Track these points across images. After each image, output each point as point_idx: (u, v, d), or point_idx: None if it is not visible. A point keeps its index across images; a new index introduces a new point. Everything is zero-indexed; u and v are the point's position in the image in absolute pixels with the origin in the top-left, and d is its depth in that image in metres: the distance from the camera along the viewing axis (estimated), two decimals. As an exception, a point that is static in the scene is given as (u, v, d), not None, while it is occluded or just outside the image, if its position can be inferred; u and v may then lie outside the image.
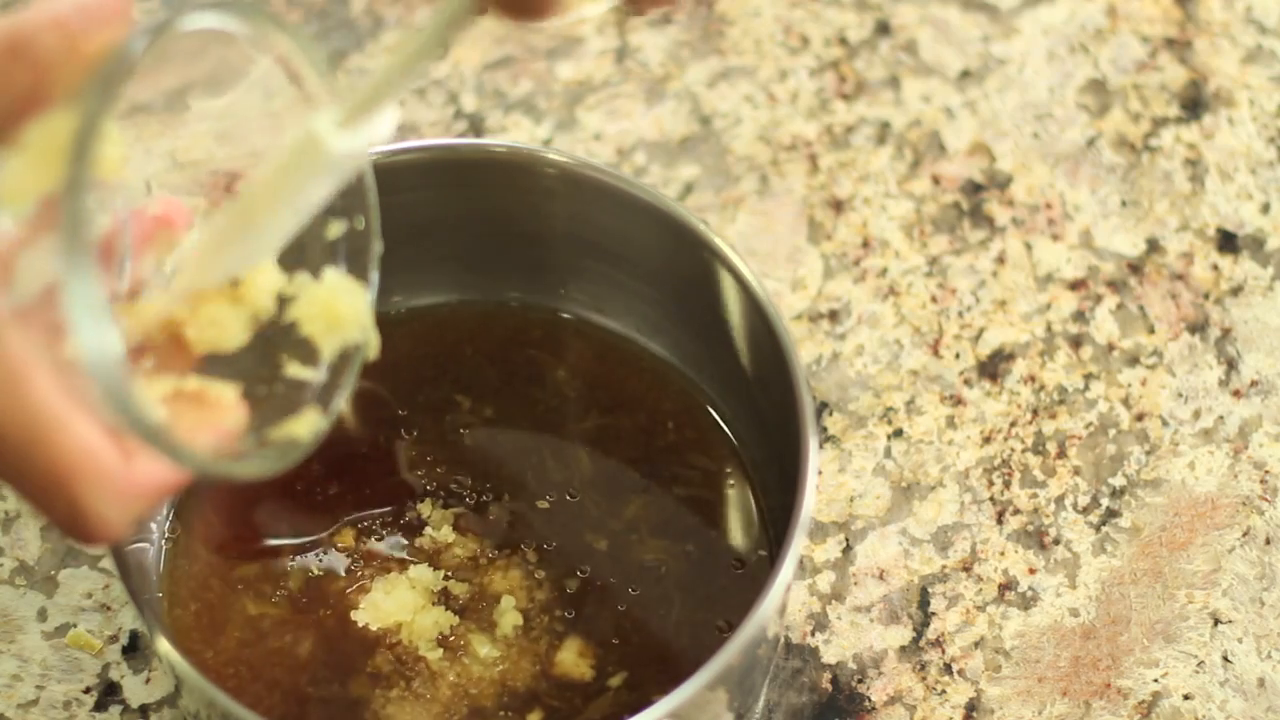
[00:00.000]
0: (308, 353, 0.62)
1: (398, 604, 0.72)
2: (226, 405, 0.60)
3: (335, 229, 0.62)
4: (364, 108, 0.57)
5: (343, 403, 0.62)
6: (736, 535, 0.76)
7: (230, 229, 0.59)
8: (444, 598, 0.73)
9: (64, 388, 0.54)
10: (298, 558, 0.74)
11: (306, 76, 0.59)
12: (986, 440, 0.84)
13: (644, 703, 0.65)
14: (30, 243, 0.54)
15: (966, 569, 0.81)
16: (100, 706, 0.77)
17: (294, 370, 0.62)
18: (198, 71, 0.59)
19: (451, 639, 0.72)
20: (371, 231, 0.62)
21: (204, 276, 0.60)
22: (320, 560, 0.74)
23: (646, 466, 0.77)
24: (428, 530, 0.74)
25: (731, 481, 0.77)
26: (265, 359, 0.63)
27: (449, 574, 0.73)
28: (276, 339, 0.62)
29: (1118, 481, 0.83)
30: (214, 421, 0.59)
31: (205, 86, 0.60)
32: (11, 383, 0.53)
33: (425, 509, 0.75)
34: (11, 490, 0.58)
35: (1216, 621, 0.80)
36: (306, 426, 0.61)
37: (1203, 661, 0.79)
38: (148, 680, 0.77)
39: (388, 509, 0.75)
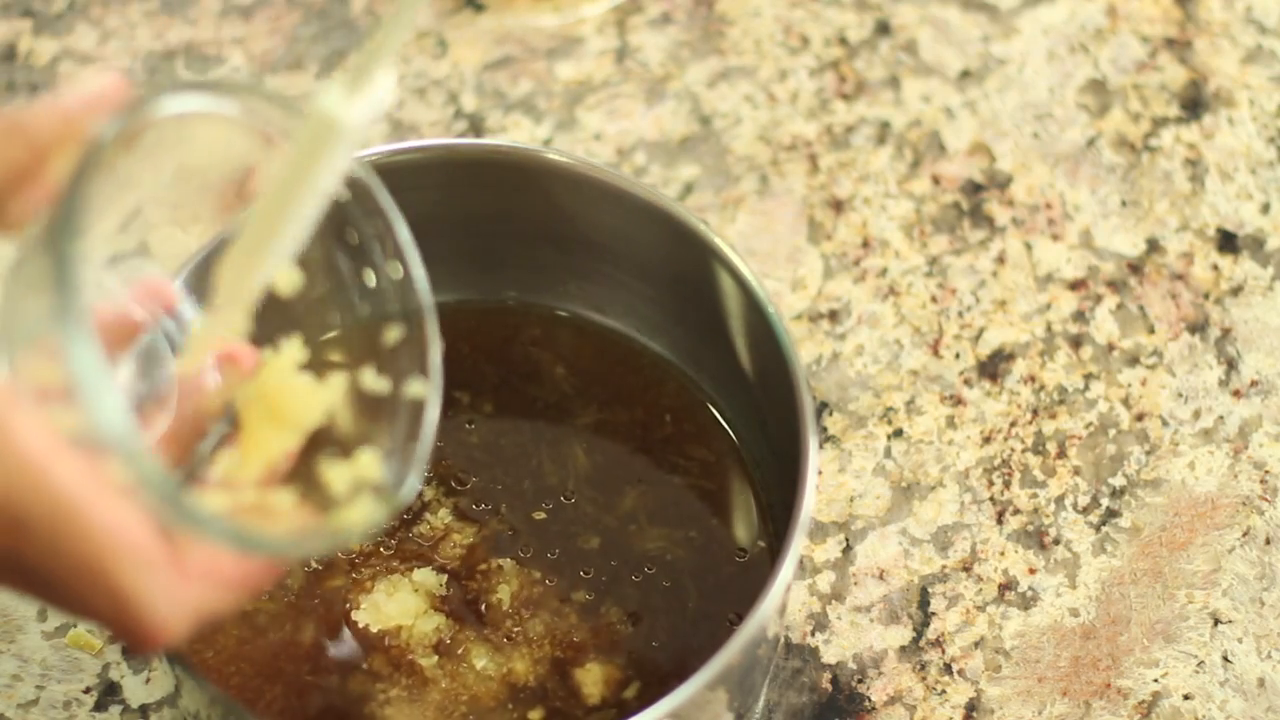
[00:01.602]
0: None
1: (400, 607, 0.72)
2: (283, 512, 0.59)
3: (393, 334, 0.62)
4: (366, 71, 0.57)
5: (411, 493, 0.61)
6: (737, 526, 0.76)
7: (258, 231, 0.58)
8: (445, 601, 0.73)
9: (91, 472, 0.51)
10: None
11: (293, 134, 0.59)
12: (986, 440, 0.84)
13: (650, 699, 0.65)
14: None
15: (966, 569, 0.81)
16: (100, 706, 0.77)
17: (367, 461, 0.61)
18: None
19: (450, 644, 0.72)
20: (429, 337, 0.62)
21: (240, 286, 0.59)
22: (322, 558, 0.74)
23: (645, 461, 0.77)
24: (426, 517, 0.74)
25: (731, 475, 0.77)
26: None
27: (451, 576, 0.73)
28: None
29: (1118, 481, 0.83)
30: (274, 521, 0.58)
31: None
32: (31, 473, 0.50)
33: (426, 502, 0.75)
34: (54, 604, 0.54)
35: (1216, 621, 0.80)
36: (361, 515, 0.60)
37: (1203, 661, 0.79)
38: (148, 680, 0.77)
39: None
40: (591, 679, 0.72)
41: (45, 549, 0.51)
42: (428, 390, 0.61)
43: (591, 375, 0.79)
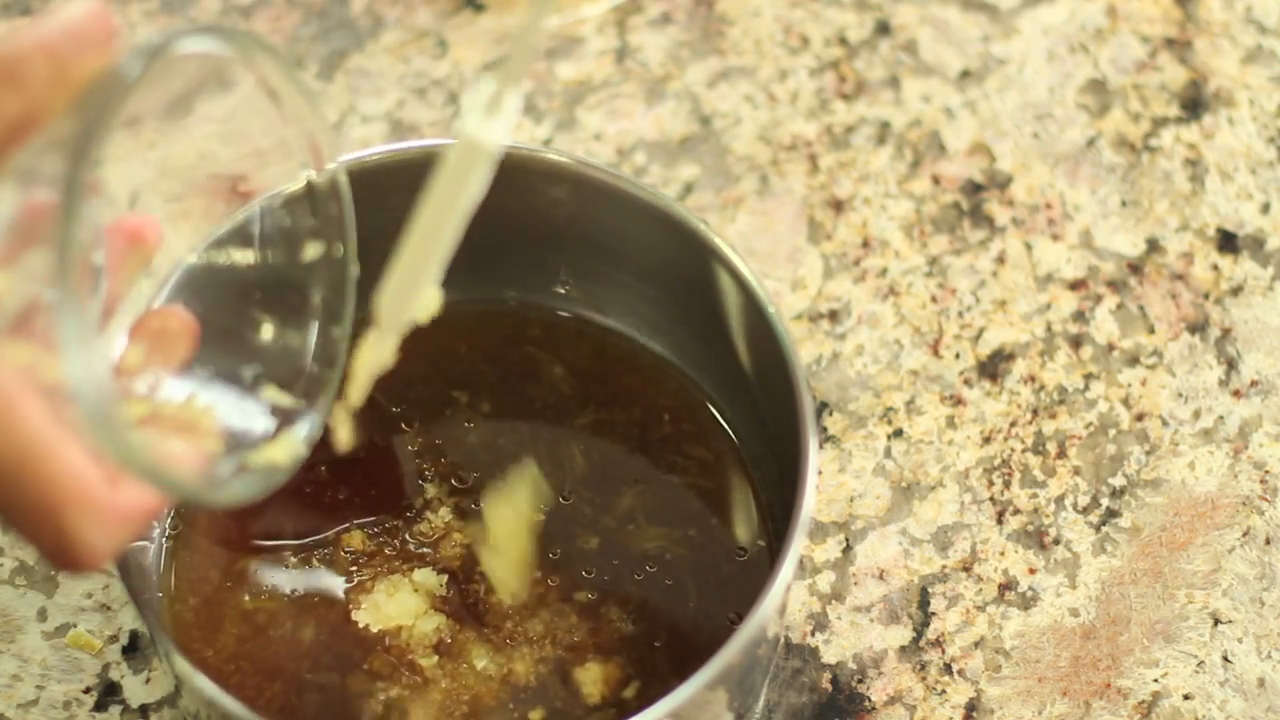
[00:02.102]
0: (287, 377, 0.63)
1: (400, 607, 0.72)
2: (206, 430, 0.60)
3: (312, 250, 0.63)
4: (501, 94, 0.60)
5: (319, 429, 0.63)
6: (737, 526, 0.76)
7: (416, 256, 0.61)
8: (445, 601, 0.73)
9: (52, 413, 0.54)
10: (299, 555, 0.74)
11: (285, 95, 0.61)
12: (986, 440, 0.84)
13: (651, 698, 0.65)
14: (10, 261, 0.54)
15: (966, 569, 0.81)
16: (100, 706, 0.77)
17: (272, 395, 0.63)
18: (200, 77, 0.60)
19: (451, 644, 0.72)
20: (349, 256, 0.64)
21: (400, 311, 0.62)
22: (322, 558, 0.74)
23: (644, 460, 0.77)
24: (426, 516, 0.75)
25: (731, 475, 0.77)
26: (243, 381, 0.63)
27: (451, 576, 0.73)
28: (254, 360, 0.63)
29: (1118, 481, 0.83)
30: (194, 446, 0.60)
31: (210, 90, 0.61)
32: (2, 411, 0.53)
33: (426, 500, 0.75)
34: None
35: (1216, 621, 0.80)
36: (285, 452, 0.61)
37: (1203, 661, 0.79)
38: (148, 680, 0.77)
39: (388, 507, 0.75)
40: (591, 679, 0.72)
41: (8, 482, 0.53)
42: (342, 318, 0.63)
43: (591, 375, 0.79)
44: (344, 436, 0.65)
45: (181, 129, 0.62)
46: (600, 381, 0.79)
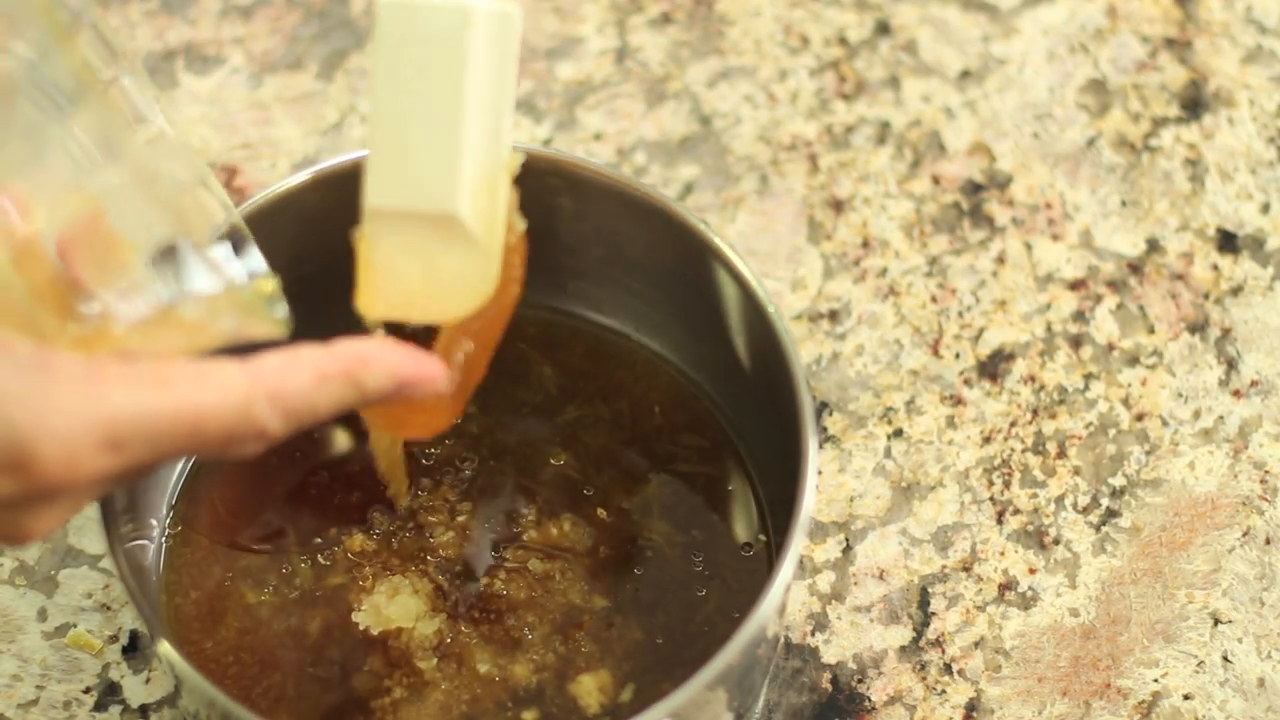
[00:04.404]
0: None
1: (400, 609, 0.72)
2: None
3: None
4: None
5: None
6: (737, 525, 0.76)
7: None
8: (445, 602, 0.73)
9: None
10: (299, 556, 0.74)
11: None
12: (986, 440, 0.84)
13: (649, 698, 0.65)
14: None
15: (966, 569, 0.81)
16: (100, 706, 0.77)
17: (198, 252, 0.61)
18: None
19: (451, 645, 0.72)
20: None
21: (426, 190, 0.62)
22: (322, 558, 0.74)
23: (645, 460, 0.77)
24: (426, 517, 0.75)
25: (730, 475, 0.77)
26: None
27: (451, 577, 0.73)
28: None
29: (1118, 481, 0.83)
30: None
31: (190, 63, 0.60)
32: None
33: (426, 503, 0.75)
34: None
35: (1216, 621, 0.80)
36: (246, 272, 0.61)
37: (1203, 661, 0.79)
38: (148, 680, 0.77)
39: (388, 507, 0.75)
40: (591, 679, 0.72)
41: None
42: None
43: (590, 374, 0.79)
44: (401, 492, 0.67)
45: (171, 100, 0.60)
46: (600, 381, 0.79)
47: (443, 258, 0.65)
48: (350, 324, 0.81)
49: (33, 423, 0.52)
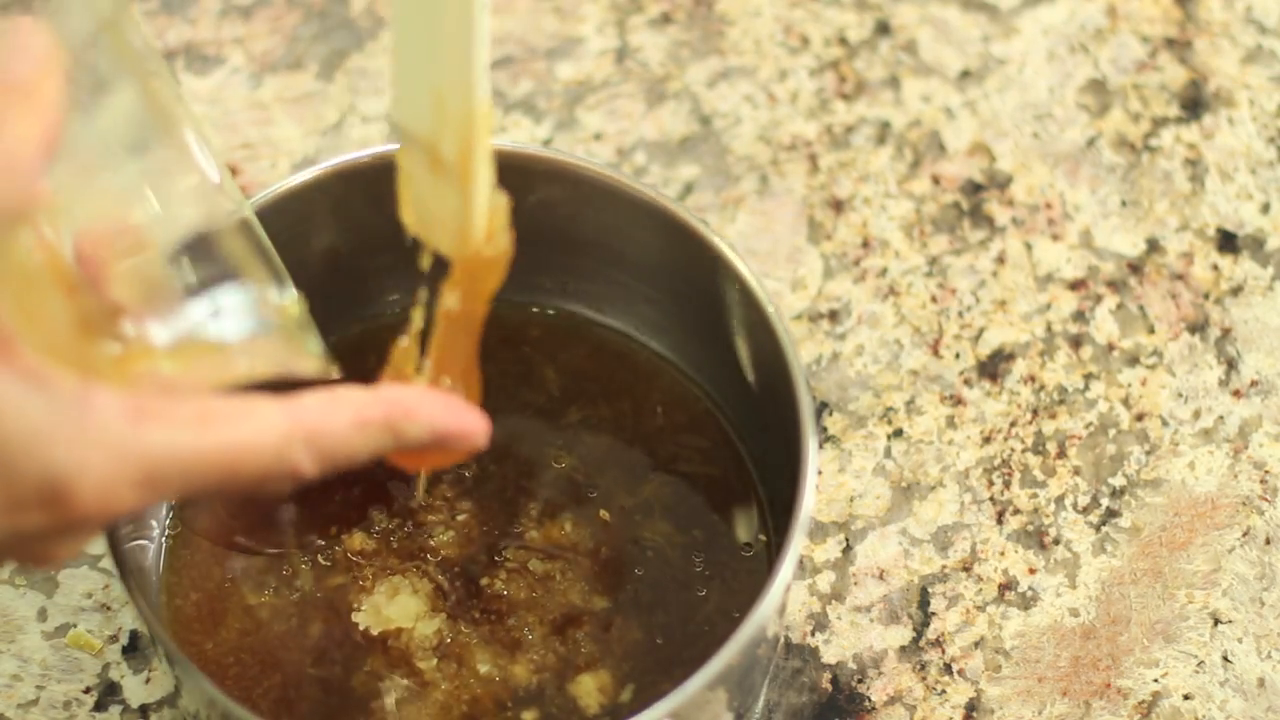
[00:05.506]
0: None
1: (400, 610, 0.72)
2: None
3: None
4: None
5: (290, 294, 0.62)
6: (737, 525, 0.76)
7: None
8: (445, 603, 0.73)
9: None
10: (299, 556, 0.74)
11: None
12: (986, 440, 0.84)
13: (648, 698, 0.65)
14: None
15: (966, 569, 0.81)
16: (100, 706, 0.77)
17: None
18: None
19: (451, 645, 0.72)
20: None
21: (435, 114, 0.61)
22: (322, 558, 0.74)
23: (645, 461, 0.77)
24: (426, 517, 0.75)
25: (731, 475, 0.77)
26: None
27: (451, 577, 0.73)
28: None
29: (1118, 481, 0.83)
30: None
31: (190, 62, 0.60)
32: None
33: (426, 503, 0.75)
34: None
35: (1216, 621, 0.80)
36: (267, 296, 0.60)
37: (1203, 661, 0.79)
38: (148, 680, 0.77)
39: (388, 507, 0.75)
40: (591, 679, 0.72)
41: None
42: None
43: (590, 375, 0.79)
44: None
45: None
46: (600, 381, 0.79)
47: (432, 187, 0.65)
48: (351, 324, 0.81)
49: (71, 461, 0.53)
